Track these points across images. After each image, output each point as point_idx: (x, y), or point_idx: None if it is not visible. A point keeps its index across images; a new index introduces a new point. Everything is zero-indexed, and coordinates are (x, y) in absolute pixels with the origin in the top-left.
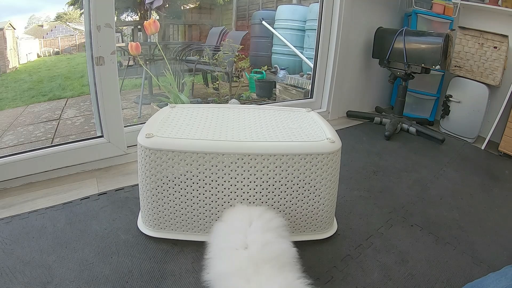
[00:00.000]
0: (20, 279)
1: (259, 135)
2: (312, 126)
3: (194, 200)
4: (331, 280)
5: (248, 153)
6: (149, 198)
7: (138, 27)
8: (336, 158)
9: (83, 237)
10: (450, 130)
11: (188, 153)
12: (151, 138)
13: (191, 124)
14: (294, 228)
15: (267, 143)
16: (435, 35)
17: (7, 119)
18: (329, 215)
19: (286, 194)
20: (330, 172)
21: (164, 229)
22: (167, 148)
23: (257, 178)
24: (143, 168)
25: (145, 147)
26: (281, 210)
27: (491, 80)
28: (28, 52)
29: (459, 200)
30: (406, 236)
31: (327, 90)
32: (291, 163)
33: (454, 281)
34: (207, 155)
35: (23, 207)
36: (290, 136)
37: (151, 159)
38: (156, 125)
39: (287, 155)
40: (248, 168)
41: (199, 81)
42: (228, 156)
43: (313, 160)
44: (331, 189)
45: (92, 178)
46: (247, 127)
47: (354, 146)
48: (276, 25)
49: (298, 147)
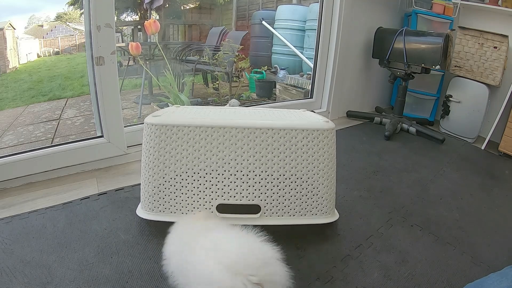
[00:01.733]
0: (20, 279)
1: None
2: (308, 117)
3: (195, 177)
4: (331, 280)
5: (248, 126)
6: (151, 177)
7: (138, 27)
8: (331, 136)
9: (83, 237)
10: (450, 130)
11: (191, 127)
12: (158, 117)
13: (196, 113)
14: (294, 210)
15: (267, 121)
16: (435, 35)
17: (7, 119)
18: (329, 198)
19: (285, 170)
20: (327, 150)
21: (163, 211)
22: (172, 123)
23: (257, 152)
24: (148, 145)
25: (151, 124)
26: (281, 187)
27: (491, 80)
28: (28, 52)
29: (459, 200)
30: (406, 236)
31: (327, 90)
32: (288, 138)
33: (454, 281)
34: (209, 129)
35: (23, 207)
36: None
37: (156, 135)
38: (163, 112)
39: (284, 129)
40: (248, 141)
41: (199, 81)
42: (229, 130)
43: (310, 135)
44: (329, 168)
45: (92, 178)
46: (247, 116)
47: (354, 146)
48: (276, 25)
49: (296, 124)
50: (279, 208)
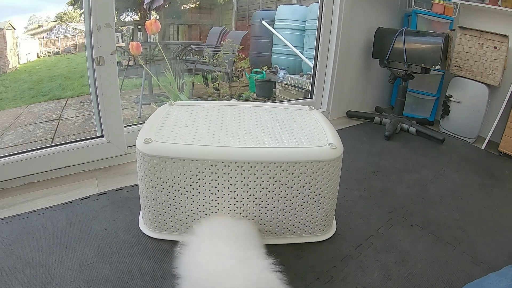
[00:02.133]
0: (20, 279)
1: (259, 139)
2: (314, 128)
3: (194, 205)
4: (331, 280)
5: (248, 160)
6: (149, 201)
7: (138, 27)
8: (337, 164)
9: (83, 237)
10: (450, 130)
11: (186, 160)
12: (149, 143)
13: (190, 125)
14: (292, 231)
15: (267, 149)
16: (435, 35)
17: (7, 119)
18: (328, 219)
19: (286, 200)
20: (331, 178)
21: (165, 230)
22: (165, 155)
23: (256, 185)
24: (142, 172)
25: (143, 153)
26: (280, 215)
27: (491, 80)
28: (28, 52)
29: (459, 200)
30: (406, 236)
31: (327, 90)
32: (291, 170)
33: (454, 281)
34: (206, 162)
35: (23, 207)
36: (291, 141)
37: (149, 164)
38: (154, 127)
39: (287, 163)
40: (248, 175)
41: (199, 81)
42: (228, 163)
43: (314, 167)
44: (331, 194)
45: (92, 178)
46: (247, 128)
47: (354, 146)
48: (276, 25)
49: (299, 154)
50: (278, 230)
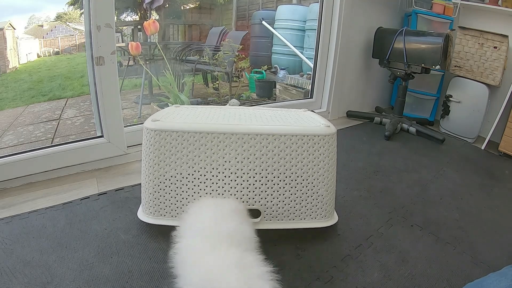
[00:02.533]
0: (20, 279)
1: (258, 122)
2: (309, 120)
3: (195, 182)
4: (331, 280)
5: (248, 132)
6: (152, 181)
7: (138, 27)
8: (332, 141)
9: (83, 237)
10: (450, 130)
11: (191, 133)
12: (157, 121)
13: (196, 115)
14: (294, 214)
15: (267, 126)
16: (435, 35)
17: (7, 119)
18: (328, 203)
19: (285, 175)
20: (327, 155)
21: (164, 215)
22: (171, 129)
23: (256, 158)
24: (148, 150)
25: (150, 129)
26: (281, 193)
27: (491, 80)
28: (28, 52)
29: (459, 200)
30: (406, 236)
31: (327, 90)
32: (289, 144)
33: (454, 281)
34: (209, 135)
35: (23, 207)
36: (288, 124)
37: (155, 140)
38: (162, 114)
39: (285, 135)
40: (248, 147)
41: (199, 81)
42: (229, 136)
43: (310, 141)
44: (329, 173)
45: (92, 178)
46: (248, 119)
47: (354, 146)
48: (276, 25)
49: (296, 130)
50: (279, 212)
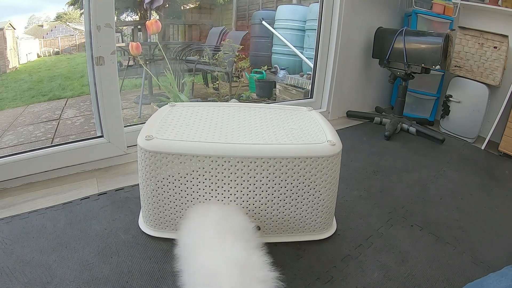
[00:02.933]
0: (20, 279)
1: (258, 137)
2: (313, 127)
3: (194, 202)
4: (331, 280)
5: (248, 156)
6: (149, 198)
7: (138, 27)
8: (337, 160)
9: (83, 237)
10: (450, 130)
11: (187, 156)
12: (151, 140)
13: (191, 124)
14: (292, 228)
15: (267, 145)
16: (435, 35)
17: (7, 119)
18: (328, 216)
19: (286, 196)
20: (330, 175)
21: (165, 229)
22: (166, 151)
23: (257, 181)
24: (143, 169)
25: (144, 150)
26: (280, 212)
27: (491, 80)
28: (28, 52)
29: (459, 200)
30: (406, 236)
31: (327, 90)
32: (290, 166)
33: (454, 281)
34: (207, 158)
35: (23, 207)
36: (290, 138)
37: (150, 161)
38: (155, 125)
39: (286, 158)
40: (248, 171)
41: (199, 81)
42: (228, 159)
43: (313, 163)
44: (331, 191)
45: (92, 178)
46: (247, 127)
47: (354, 146)
48: (276, 25)
49: (298, 150)
50: (279, 228)
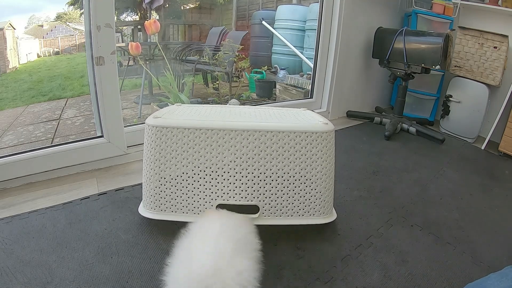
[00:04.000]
0: (20, 279)
1: (258, 121)
2: (307, 118)
3: (195, 178)
4: (331, 280)
5: (247, 129)
6: (153, 177)
7: (138, 27)
8: (330, 138)
9: (83, 237)
10: (450, 130)
11: (191, 129)
12: (159, 118)
13: (196, 113)
14: (292, 210)
15: (265, 123)
16: (435, 35)
17: (7, 119)
18: (327, 199)
19: (284, 172)
20: (325, 152)
21: (165, 210)
22: (172, 126)
23: (255, 154)
24: (149, 146)
25: (152, 125)
26: (279, 189)
27: (491, 80)
28: (28, 52)
29: (459, 200)
30: (406, 236)
31: (327, 90)
32: (287, 140)
33: (454, 281)
34: (209, 131)
35: (23, 207)
36: (287, 122)
37: (156, 136)
38: (163, 112)
39: (283, 132)
40: (247, 144)
41: (199, 81)
42: (228, 132)
43: (308, 138)
44: (327, 170)
45: (92, 178)
46: (247, 117)
47: (354, 146)
48: (276, 25)
49: (294, 127)
50: (277, 208)
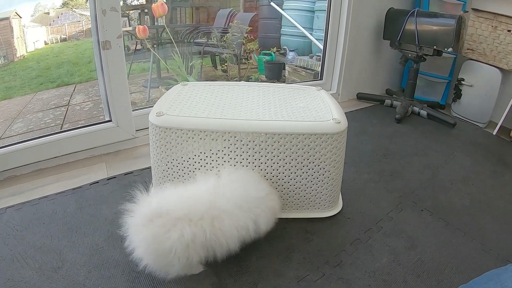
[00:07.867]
0: (31, 264)
1: (266, 114)
2: (320, 105)
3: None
4: (340, 264)
5: (254, 131)
6: (160, 173)
7: (145, 11)
8: (341, 138)
9: (93, 222)
10: (461, 114)
11: (196, 131)
12: (161, 116)
13: (201, 102)
14: (298, 205)
15: (273, 122)
16: (448, 16)
17: (16, 107)
18: (334, 194)
19: (291, 172)
20: (335, 152)
21: None
22: (176, 127)
23: (262, 156)
24: (154, 145)
25: (155, 125)
26: (286, 187)
27: (504, 64)
28: (35, 40)
29: (470, 186)
30: (416, 221)
31: (337, 72)
32: (295, 142)
33: (463, 267)
34: (214, 133)
35: (33, 194)
36: (297, 116)
37: (161, 136)
38: (167, 103)
39: (291, 134)
40: (253, 146)
41: (207, 64)
42: (235, 134)
43: (318, 140)
44: (336, 169)
45: (101, 162)
46: (255, 105)
47: (364, 128)
48: (285, 6)
49: (304, 127)
50: (285, 204)
